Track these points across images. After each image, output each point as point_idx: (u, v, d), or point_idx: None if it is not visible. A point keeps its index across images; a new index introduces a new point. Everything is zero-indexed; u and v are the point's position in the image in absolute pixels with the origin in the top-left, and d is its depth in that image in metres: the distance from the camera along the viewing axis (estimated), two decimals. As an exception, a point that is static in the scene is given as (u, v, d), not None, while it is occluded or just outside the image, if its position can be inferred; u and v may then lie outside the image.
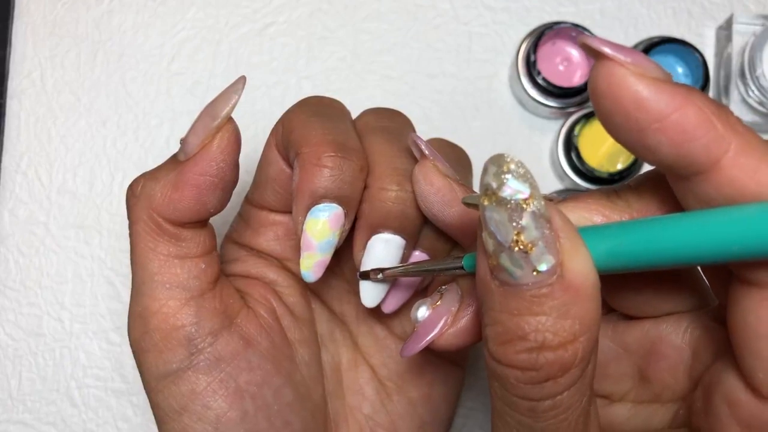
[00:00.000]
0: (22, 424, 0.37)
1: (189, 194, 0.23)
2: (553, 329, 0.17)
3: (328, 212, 0.24)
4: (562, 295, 0.17)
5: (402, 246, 0.25)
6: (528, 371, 0.17)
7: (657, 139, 0.17)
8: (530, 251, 0.17)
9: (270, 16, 0.40)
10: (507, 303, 0.17)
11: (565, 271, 0.17)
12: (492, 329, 0.18)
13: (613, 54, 0.17)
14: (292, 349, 0.27)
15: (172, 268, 0.24)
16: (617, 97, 0.17)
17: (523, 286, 0.17)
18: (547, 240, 0.17)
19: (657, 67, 0.17)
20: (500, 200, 0.17)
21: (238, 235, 0.28)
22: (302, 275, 0.25)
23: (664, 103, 0.17)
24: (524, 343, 0.17)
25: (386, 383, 0.29)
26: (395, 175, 0.25)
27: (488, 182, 0.17)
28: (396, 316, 0.28)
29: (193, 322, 0.24)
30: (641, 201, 0.20)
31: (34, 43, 0.39)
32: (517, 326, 0.17)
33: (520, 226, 0.17)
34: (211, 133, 0.23)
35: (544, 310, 0.17)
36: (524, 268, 0.17)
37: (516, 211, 0.17)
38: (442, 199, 0.24)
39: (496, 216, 0.17)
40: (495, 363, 0.18)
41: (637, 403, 0.23)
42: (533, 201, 0.17)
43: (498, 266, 0.17)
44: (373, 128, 0.26)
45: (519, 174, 0.17)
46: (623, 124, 0.17)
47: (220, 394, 0.24)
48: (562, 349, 0.17)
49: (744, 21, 0.38)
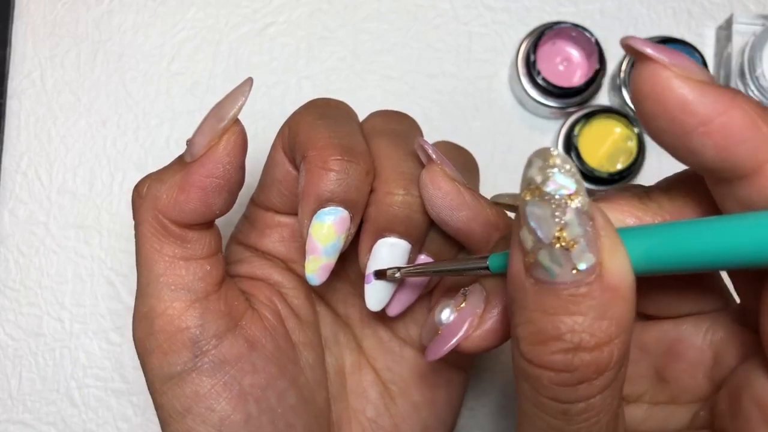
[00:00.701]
0: (22, 424, 0.37)
1: (195, 196, 0.23)
2: (590, 330, 0.17)
3: (333, 216, 0.24)
4: (600, 296, 0.16)
5: (408, 250, 0.25)
6: (562, 373, 0.17)
7: (702, 142, 0.17)
8: (572, 248, 0.16)
9: (270, 16, 0.40)
10: (542, 302, 0.17)
11: (604, 271, 0.16)
12: (524, 329, 0.17)
13: (657, 56, 0.17)
14: (296, 352, 0.27)
15: (177, 269, 0.24)
16: (662, 100, 0.17)
17: (561, 285, 0.17)
18: (589, 238, 0.16)
19: (701, 69, 0.17)
20: (544, 195, 0.17)
21: (244, 237, 0.28)
22: (307, 278, 0.25)
23: (710, 106, 0.16)
24: (559, 343, 0.17)
25: (390, 386, 0.29)
26: (402, 180, 0.24)
27: (532, 176, 0.17)
28: (400, 319, 0.28)
29: (198, 324, 0.24)
30: (673, 203, 0.20)
31: (34, 43, 0.39)
32: (553, 326, 0.17)
33: (563, 222, 0.16)
34: (217, 134, 0.23)
35: (581, 310, 0.17)
36: (564, 265, 0.16)
37: (560, 206, 0.16)
38: (450, 204, 0.24)
39: (538, 211, 0.17)
40: (527, 363, 0.18)
41: (653, 404, 0.23)
42: (578, 197, 0.17)
43: (535, 263, 0.17)
44: (380, 131, 0.26)
45: (565, 169, 0.17)
46: (667, 127, 0.17)
47: (224, 396, 0.24)
48: (599, 350, 0.17)
49: (744, 21, 0.38)
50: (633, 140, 0.37)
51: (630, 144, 0.37)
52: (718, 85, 0.17)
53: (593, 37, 0.37)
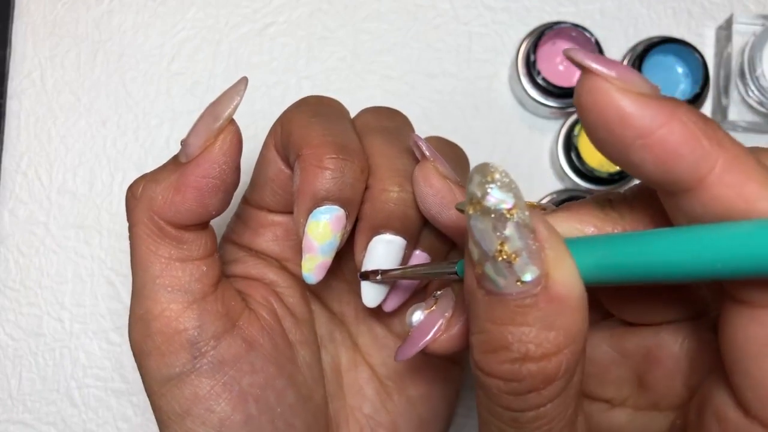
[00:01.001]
0: (22, 424, 0.37)
1: (191, 197, 0.23)
2: (537, 340, 0.17)
3: (329, 214, 0.24)
4: (546, 306, 0.17)
5: (403, 246, 0.25)
6: (511, 382, 0.17)
7: (641, 155, 0.17)
8: (514, 261, 0.17)
9: (270, 16, 0.40)
10: (492, 312, 0.17)
11: (550, 282, 0.17)
12: (477, 338, 0.18)
13: (597, 68, 0.17)
14: (294, 351, 0.27)
15: (173, 271, 0.24)
16: (601, 112, 0.17)
17: (508, 296, 0.17)
18: (530, 250, 0.17)
19: (643, 82, 0.17)
20: (484, 209, 0.17)
21: (237, 236, 0.28)
22: (304, 277, 0.25)
23: (648, 118, 0.16)
24: (507, 353, 0.17)
25: (386, 382, 0.29)
26: (396, 176, 0.25)
27: (473, 191, 0.17)
28: (395, 315, 0.28)
29: (196, 325, 0.24)
30: (633, 213, 0.20)
31: (34, 43, 0.39)
32: (501, 336, 0.17)
33: (503, 236, 0.17)
34: (212, 134, 0.23)
35: (527, 321, 0.17)
36: (508, 277, 0.17)
37: (500, 220, 0.17)
38: (440, 201, 0.24)
39: (480, 225, 0.17)
40: (479, 372, 0.18)
41: (636, 409, 0.23)
42: (516, 211, 0.17)
43: (483, 275, 0.17)
44: (373, 128, 0.26)
45: (503, 183, 0.17)
46: (608, 139, 0.17)
47: (224, 397, 0.24)
48: (546, 360, 0.17)
49: (744, 21, 0.38)
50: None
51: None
52: (662, 96, 0.17)
53: (593, 37, 0.37)
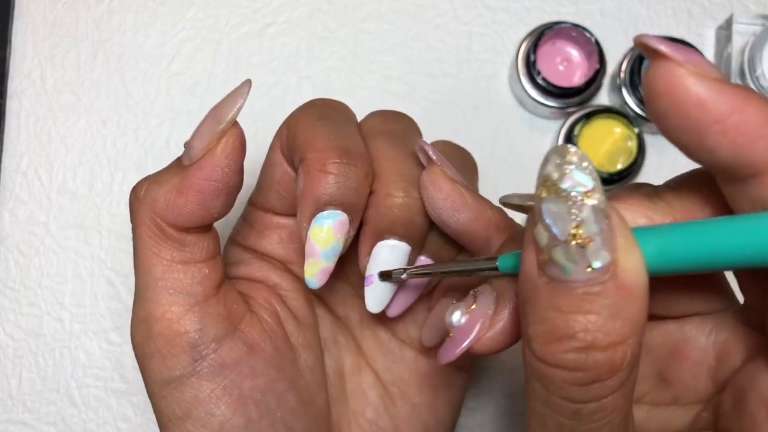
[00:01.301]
0: (22, 424, 0.37)
1: (193, 199, 0.23)
2: (604, 329, 0.16)
3: (332, 219, 0.24)
4: (614, 295, 0.16)
5: (407, 252, 0.25)
6: (575, 372, 0.17)
7: (717, 140, 0.17)
8: (587, 246, 0.16)
9: (270, 16, 0.40)
10: (555, 300, 0.17)
11: (619, 269, 0.16)
12: (537, 327, 0.17)
13: (671, 53, 0.16)
14: (296, 354, 0.27)
15: (175, 273, 0.24)
16: (677, 98, 0.16)
17: (575, 283, 0.16)
18: (604, 236, 0.16)
19: (714, 67, 0.17)
20: (560, 191, 0.17)
21: (242, 238, 0.28)
22: (306, 282, 0.25)
23: (725, 104, 0.16)
24: (573, 342, 0.17)
25: (390, 388, 0.28)
26: (401, 181, 0.24)
27: (549, 173, 0.17)
28: (400, 320, 0.28)
29: (197, 328, 0.24)
30: (683, 202, 0.19)
31: (34, 43, 0.39)
32: (566, 324, 0.17)
33: (579, 219, 0.16)
34: (215, 137, 0.23)
35: (594, 309, 0.16)
36: (579, 263, 0.16)
37: (576, 203, 0.16)
38: (451, 205, 0.24)
39: (554, 208, 0.17)
40: (539, 363, 0.17)
41: (654, 405, 0.22)
42: (595, 194, 0.16)
43: (549, 261, 0.17)
44: (378, 132, 0.26)
45: (582, 166, 0.17)
46: (682, 125, 0.17)
47: (224, 400, 0.24)
48: (612, 350, 0.17)
49: (744, 21, 0.38)
50: (633, 140, 0.37)
51: (630, 144, 0.37)
52: (733, 83, 0.17)
53: (593, 37, 0.37)
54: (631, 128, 0.37)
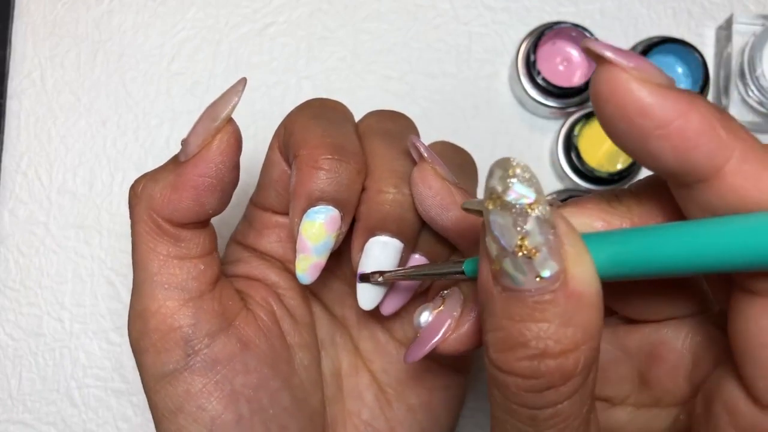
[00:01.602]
0: (22, 424, 0.37)
1: (187, 195, 0.23)
2: (556, 336, 0.17)
3: (324, 215, 0.24)
4: (565, 303, 0.17)
5: (400, 249, 0.25)
6: (529, 379, 0.17)
7: (660, 145, 0.17)
8: (534, 257, 0.17)
9: (270, 16, 0.40)
10: (509, 309, 0.17)
11: (568, 278, 0.17)
12: (493, 335, 0.18)
13: (615, 58, 0.17)
14: (291, 353, 0.27)
15: (171, 268, 0.24)
16: (620, 103, 0.17)
17: (526, 292, 0.17)
18: (551, 246, 0.17)
19: (660, 73, 0.17)
20: (505, 204, 0.17)
21: (242, 236, 0.28)
22: (298, 277, 0.25)
23: (667, 109, 0.16)
24: (526, 350, 0.17)
25: (386, 389, 0.28)
26: (393, 178, 0.24)
27: (493, 186, 0.17)
28: (397, 320, 0.28)
29: (191, 323, 0.24)
30: (642, 206, 0.20)
31: (34, 43, 0.39)
32: (519, 333, 0.17)
33: (524, 231, 0.17)
34: (210, 134, 0.23)
35: (546, 317, 0.17)
36: (527, 273, 0.17)
37: (521, 215, 0.17)
38: (440, 203, 0.24)
39: (500, 220, 0.17)
40: (496, 370, 0.18)
41: (637, 407, 0.23)
42: (538, 206, 0.17)
43: (501, 271, 0.17)
44: (374, 130, 0.26)
45: (524, 178, 0.17)
46: (626, 130, 0.17)
47: (215, 396, 0.24)
48: (564, 357, 0.17)
49: (744, 21, 0.38)
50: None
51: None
52: (678, 88, 0.17)
53: (593, 37, 0.37)
54: (631, 128, 0.37)
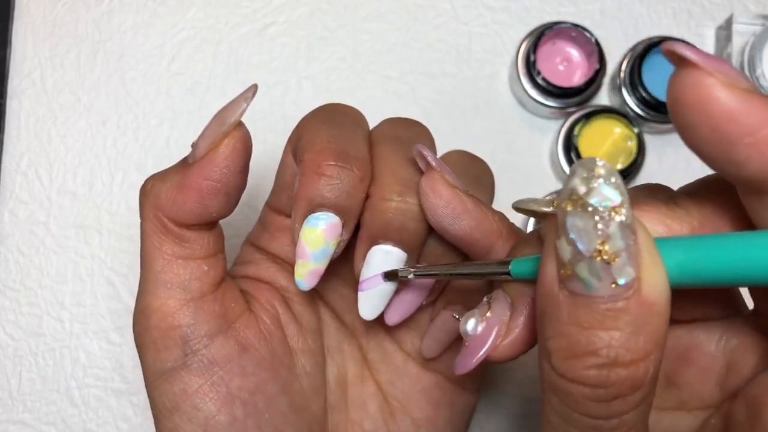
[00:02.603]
0: (22, 424, 0.37)
1: (192, 197, 0.23)
2: (627, 345, 0.16)
3: (324, 221, 0.24)
4: (637, 311, 0.16)
5: (402, 259, 0.24)
6: (597, 388, 0.17)
7: (747, 153, 0.16)
8: (613, 262, 0.16)
9: (270, 16, 0.40)
10: (577, 315, 0.16)
11: (642, 285, 0.16)
12: (557, 342, 0.17)
13: (701, 62, 0.16)
14: (293, 358, 0.27)
15: (175, 267, 0.24)
16: (706, 109, 0.16)
17: (598, 299, 0.16)
18: (630, 252, 0.16)
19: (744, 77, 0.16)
20: (587, 206, 0.16)
21: (255, 238, 0.28)
22: (296, 283, 0.25)
23: (756, 116, 0.16)
24: (595, 358, 0.16)
25: (391, 401, 0.28)
26: (397, 185, 0.24)
27: (575, 186, 0.16)
28: (407, 331, 0.28)
29: (190, 323, 0.24)
30: (701, 209, 0.19)
31: (34, 43, 0.39)
32: (588, 340, 0.16)
33: (606, 235, 0.16)
34: (218, 138, 0.23)
35: (617, 325, 0.16)
36: (603, 279, 0.16)
37: (603, 219, 0.16)
38: (452, 212, 0.23)
39: (580, 222, 0.16)
40: (559, 378, 0.17)
41: (660, 409, 0.22)
42: (623, 210, 0.16)
43: (572, 275, 0.16)
44: (384, 137, 0.26)
45: (611, 181, 0.16)
46: (710, 137, 0.16)
47: (210, 396, 0.24)
48: (635, 366, 0.16)
49: (744, 21, 0.38)
50: (633, 140, 0.37)
51: (630, 144, 0.37)
52: (762, 94, 0.16)
53: (593, 37, 0.37)
54: (631, 128, 0.37)
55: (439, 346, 0.27)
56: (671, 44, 0.16)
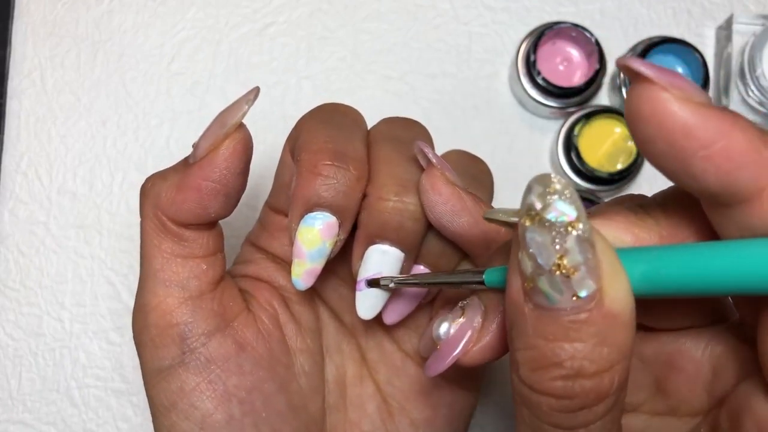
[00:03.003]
0: (22, 424, 0.37)
1: (191, 197, 0.23)
2: (591, 357, 0.16)
3: (321, 221, 0.24)
4: (600, 322, 0.16)
5: (400, 258, 0.24)
6: (563, 399, 0.17)
7: (703, 166, 0.16)
8: (572, 276, 0.16)
9: (270, 16, 0.40)
10: (542, 327, 0.17)
11: (604, 297, 0.16)
12: (524, 354, 0.17)
13: (656, 76, 0.16)
14: (291, 358, 0.27)
15: (173, 266, 0.24)
16: (662, 124, 0.16)
17: (561, 311, 0.16)
18: (589, 265, 0.16)
19: (700, 91, 0.16)
20: (544, 222, 0.16)
21: (255, 238, 0.28)
22: (293, 283, 0.25)
23: (711, 129, 0.16)
24: (559, 369, 0.17)
25: (390, 401, 0.28)
26: (394, 185, 0.24)
27: (532, 202, 0.17)
28: (405, 331, 0.28)
29: (188, 321, 0.24)
30: (669, 219, 0.19)
31: (34, 43, 0.39)
32: (552, 352, 0.17)
33: (563, 250, 0.16)
34: (219, 139, 0.23)
35: (581, 337, 0.16)
36: (564, 292, 0.16)
37: (561, 233, 0.16)
38: (451, 210, 0.24)
39: (538, 238, 0.16)
40: (527, 389, 0.17)
41: (652, 414, 0.22)
42: (580, 224, 0.16)
43: (534, 289, 0.17)
44: (382, 136, 0.26)
45: (566, 196, 0.16)
46: (667, 151, 0.16)
47: (207, 395, 0.24)
48: (599, 377, 0.17)
49: (744, 21, 0.38)
50: (633, 140, 0.37)
51: (630, 144, 0.37)
52: (718, 107, 0.16)
53: (593, 37, 0.37)
54: (631, 128, 0.37)
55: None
56: (625, 59, 0.17)
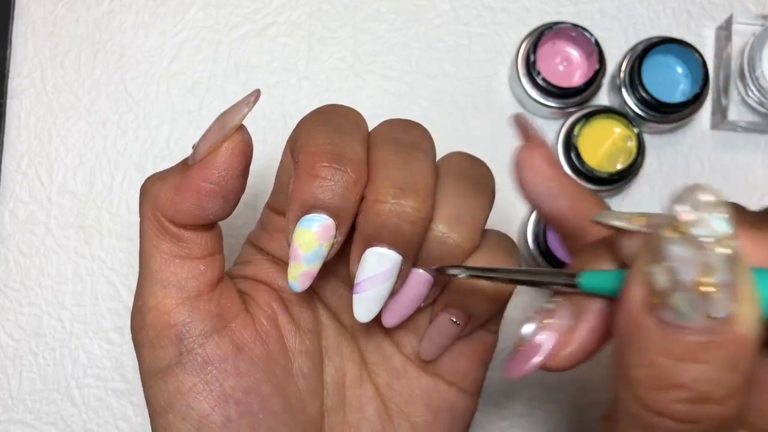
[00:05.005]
0: (23, 424, 0.37)
1: (189, 198, 0.23)
2: (720, 381, 0.16)
3: (317, 223, 0.23)
4: (731, 346, 0.15)
5: (398, 262, 0.24)
6: (685, 423, 0.16)
7: None
8: (713, 295, 0.15)
9: (270, 16, 0.40)
10: (667, 345, 0.16)
11: (740, 320, 0.15)
12: (643, 371, 0.16)
13: None
14: (290, 360, 0.26)
15: (172, 266, 0.24)
16: None
17: (691, 330, 0.15)
18: (732, 285, 0.15)
19: None
20: (690, 235, 0.15)
21: (255, 238, 0.28)
22: (289, 285, 0.25)
23: None
24: (683, 392, 0.16)
25: (389, 404, 0.28)
26: (392, 187, 0.24)
27: (680, 214, 0.16)
28: (406, 333, 0.28)
29: (186, 321, 0.24)
30: None
31: (35, 43, 0.39)
32: (677, 373, 0.16)
33: (709, 267, 0.15)
34: (218, 141, 0.23)
35: (710, 359, 0.15)
36: (700, 311, 0.15)
37: (707, 249, 0.15)
38: (548, 191, 0.23)
39: (681, 252, 0.15)
40: (643, 409, 0.17)
41: None
42: (731, 241, 0.15)
43: (664, 304, 0.16)
44: (382, 138, 0.25)
45: (720, 211, 0.15)
46: None
47: (204, 395, 0.24)
48: (727, 403, 0.16)
49: (744, 21, 0.38)
50: (633, 140, 0.37)
51: (630, 144, 0.37)
52: None
53: (593, 37, 0.37)
54: (631, 128, 0.37)
55: (436, 349, 0.27)
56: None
